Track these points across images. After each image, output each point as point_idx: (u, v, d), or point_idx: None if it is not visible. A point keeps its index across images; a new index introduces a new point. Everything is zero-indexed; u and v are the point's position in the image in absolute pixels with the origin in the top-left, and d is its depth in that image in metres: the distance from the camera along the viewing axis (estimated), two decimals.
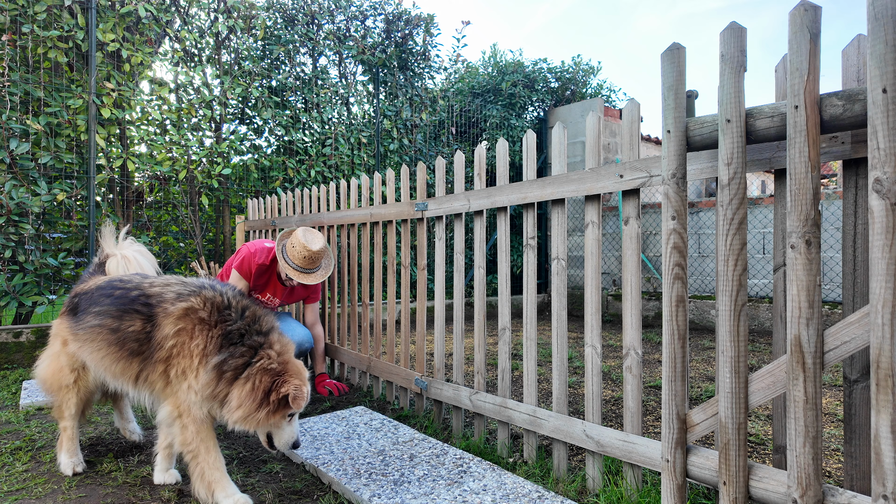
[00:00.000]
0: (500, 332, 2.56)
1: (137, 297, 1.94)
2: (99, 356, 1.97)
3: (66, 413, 2.22)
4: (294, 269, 3.26)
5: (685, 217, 1.61)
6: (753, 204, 6.24)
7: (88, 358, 2.06)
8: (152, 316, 1.89)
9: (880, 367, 1.21)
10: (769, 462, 2.38)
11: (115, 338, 1.91)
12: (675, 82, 1.60)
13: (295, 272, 3.25)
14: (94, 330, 1.97)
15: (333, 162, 6.58)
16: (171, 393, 1.88)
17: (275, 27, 6.44)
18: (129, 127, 5.32)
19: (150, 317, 1.90)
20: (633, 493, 1.93)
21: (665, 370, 1.63)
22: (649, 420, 2.98)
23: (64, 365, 2.19)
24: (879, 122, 1.21)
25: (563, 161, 2.28)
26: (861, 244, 1.43)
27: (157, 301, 1.92)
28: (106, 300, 1.99)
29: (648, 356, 4.73)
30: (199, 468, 1.86)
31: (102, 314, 1.96)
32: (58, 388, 2.21)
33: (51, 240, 4.79)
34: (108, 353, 1.93)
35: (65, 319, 2.18)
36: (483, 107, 8.30)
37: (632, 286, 1.97)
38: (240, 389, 1.78)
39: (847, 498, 1.32)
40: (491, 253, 8.27)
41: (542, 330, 6.31)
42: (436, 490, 1.98)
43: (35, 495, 2.04)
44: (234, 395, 1.79)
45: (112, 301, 1.97)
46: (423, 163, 3.26)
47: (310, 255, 3.24)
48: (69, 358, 2.18)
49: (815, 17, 1.33)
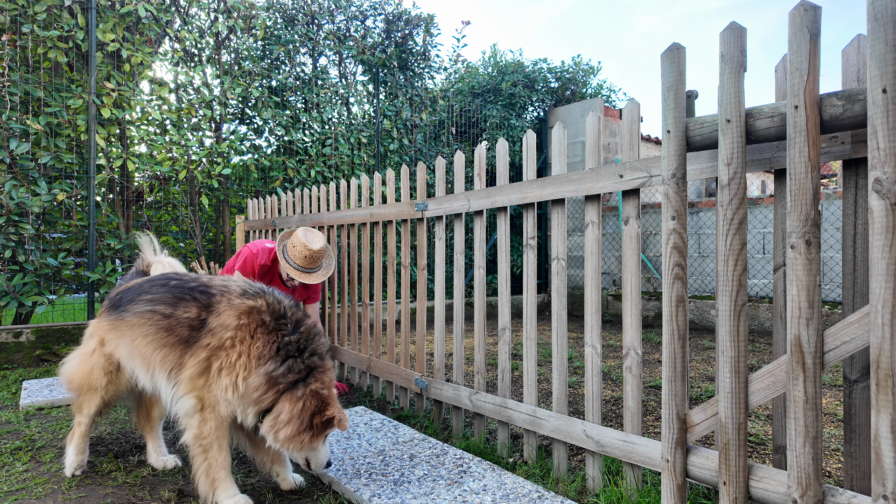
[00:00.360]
0: (500, 332, 2.56)
1: (196, 287, 1.93)
2: (144, 342, 1.91)
3: (86, 411, 2.19)
4: (295, 269, 3.26)
5: (685, 217, 1.61)
6: (753, 204, 6.24)
7: (130, 347, 1.96)
8: (211, 304, 1.88)
9: (880, 367, 1.21)
10: (769, 462, 2.38)
11: (166, 323, 1.88)
12: (675, 82, 1.60)
13: (296, 272, 3.25)
14: (144, 314, 1.93)
15: (333, 162, 6.58)
16: (203, 385, 1.82)
17: (275, 27, 6.44)
18: (129, 127, 5.32)
19: (207, 305, 1.88)
20: (633, 493, 1.93)
21: (665, 370, 1.63)
22: (649, 420, 2.98)
23: (96, 366, 2.13)
24: (879, 122, 1.21)
25: (563, 161, 2.28)
26: (861, 244, 1.43)
27: (220, 291, 1.91)
28: (160, 289, 1.98)
29: (648, 356, 4.73)
30: (206, 464, 1.84)
31: (156, 300, 1.94)
32: (86, 390, 2.16)
33: (51, 240, 4.79)
34: (155, 339, 1.88)
35: (104, 317, 2.13)
36: (483, 107, 8.30)
37: (632, 286, 1.97)
38: (291, 405, 1.79)
39: (847, 498, 1.32)
40: (491, 253, 8.27)
41: (542, 330, 6.31)
42: (436, 490, 1.98)
43: (35, 495, 2.04)
44: (285, 409, 1.79)
45: (168, 289, 1.96)
46: (423, 163, 3.26)
47: (310, 254, 3.24)
48: (104, 360, 2.12)
49: (815, 17, 1.33)
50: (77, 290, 5.00)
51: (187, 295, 1.91)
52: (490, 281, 8.14)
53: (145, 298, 1.97)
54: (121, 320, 2.02)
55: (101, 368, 2.13)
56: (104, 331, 2.11)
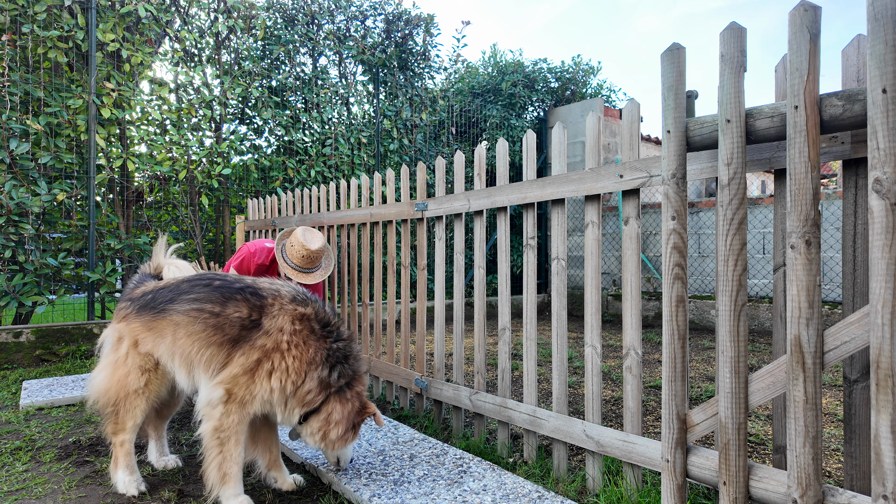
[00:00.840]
0: (500, 332, 2.56)
1: (244, 289, 1.98)
2: (189, 341, 1.92)
3: (129, 423, 2.04)
4: (293, 269, 3.25)
5: (685, 217, 1.61)
6: (753, 204, 6.24)
7: (171, 345, 1.95)
8: (263, 307, 1.93)
9: (880, 367, 1.21)
10: (769, 462, 2.38)
11: (215, 321, 1.91)
12: (675, 82, 1.60)
13: (294, 272, 3.24)
14: (190, 313, 1.93)
15: (333, 162, 6.58)
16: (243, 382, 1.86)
17: (275, 27, 6.44)
18: (129, 127, 5.32)
19: (260, 307, 1.93)
20: (633, 493, 1.93)
21: (665, 370, 1.63)
22: (649, 420, 2.98)
23: (133, 368, 2.03)
24: (879, 122, 1.21)
25: (563, 161, 2.28)
26: (861, 244, 1.43)
27: (272, 295, 1.97)
28: (204, 289, 1.98)
29: (648, 356, 4.73)
30: (220, 456, 1.86)
31: (202, 300, 1.95)
32: (124, 396, 2.03)
33: (51, 240, 4.79)
34: (203, 336, 1.90)
35: (134, 318, 2.04)
36: (483, 107, 8.30)
37: (632, 286, 1.97)
38: (342, 406, 1.99)
39: (847, 498, 1.32)
40: (491, 253, 8.27)
41: (542, 330, 6.31)
42: (436, 490, 1.98)
43: (35, 495, 2.04)
44: (336, 409, 1.98)
45: (213, 289, 1.97)
46: (423, 163, 3.26)
47: (308, 254, 3.23)
48: (141, 359, 2.03)
49: (815, 17, 1.33)
50: (77, 290, 5.00)
51: (237, 295, 1.95)
52: (490, 281, 8.14)
53: (189, 298, 1.98)
54: (161, 319, 1.98)
55: (139, 369, 2.03)
56: (137, 332, 2.04)
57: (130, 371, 2.03)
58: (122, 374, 2.03)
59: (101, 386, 2.05)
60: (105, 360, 2.10)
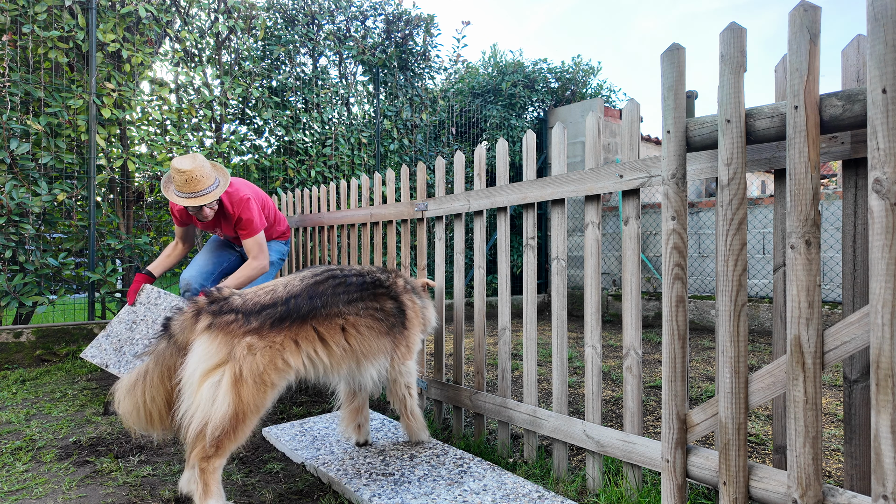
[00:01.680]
0: (500, 332, 2.56)
1: (374, 282, 2.22)
2: (361, 338, 2.10)
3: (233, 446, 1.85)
4: (182, 197, 2.91)
5: (685, 217, 1.61)
6: (753, 204, 6.24)
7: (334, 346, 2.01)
8: (397, 296, 2.27)
9: (880, 368, 1.21)
10: (769, 462, 2.38)
11: (380, 315, 2.18)
12: (675, 83, 1.60)
13: (185, 199, 2.91)
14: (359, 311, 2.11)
15: (334, 162, 6.58)
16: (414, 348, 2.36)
17: (275, 27, 6.44)
18: (129, 127, 5.32)
19: (395, 298, 2.26)
20: (634, 493, 1.93)
21: (665, 370, 1.64)
22: (649, 420, 2.98)
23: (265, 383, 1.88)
24: (879, 122, 1.21)
25: (563, 161, 2.28)
26: (861, 244, 1.43)
27: (390, 283, 2.30)
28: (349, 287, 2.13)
29: (648, 356, 4.73)
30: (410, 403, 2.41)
31: (357, 299, 2.12)
32: (244, 416, 1.84)
33: (51, 240, 4.79)
34: (372, 330, 2.13)
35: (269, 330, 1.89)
36: (483, 107, 8.30)
37: (632, 286, 1.97)
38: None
39: (847, 498, 1.32)
40: (491, 253, 8.27)
41: (542, 330, 6.32)
42: (436, 490, 1.99)
43: (35, 495, 2.04)
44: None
45: (356, 287, 2.14)
46: (423, 163, 3.26)
47: (184, 176, 2.86)
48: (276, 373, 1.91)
49: (815, 17, 1.33)
50: (77, 290, 5.00)
51: (376, 291, 2.21)
52: (490, 281, 8.14)
53: (346, 299, 2.09)
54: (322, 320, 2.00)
55: (270, 384, 1.89)
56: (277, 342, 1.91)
57: (262, 386, 1.87)
58: (253, 391, 1.85)
59: (229, 409, 1.82)
60: (224, 379, 1.84)
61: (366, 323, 2.11)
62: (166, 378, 1.92)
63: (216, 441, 1.80)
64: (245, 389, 1.83)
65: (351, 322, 2.07)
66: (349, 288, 2.11)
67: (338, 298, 2.05)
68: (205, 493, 1.80)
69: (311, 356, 1.98)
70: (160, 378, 1.91)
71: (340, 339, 2.04)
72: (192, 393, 1.81)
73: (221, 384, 1.82)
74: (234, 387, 1.82)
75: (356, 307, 2.09)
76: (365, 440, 2.48)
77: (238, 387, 1.83)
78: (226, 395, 1.81)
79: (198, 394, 1.81)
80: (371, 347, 2.13)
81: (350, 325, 2.07)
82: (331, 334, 2.02)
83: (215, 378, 1.83)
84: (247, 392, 1.84)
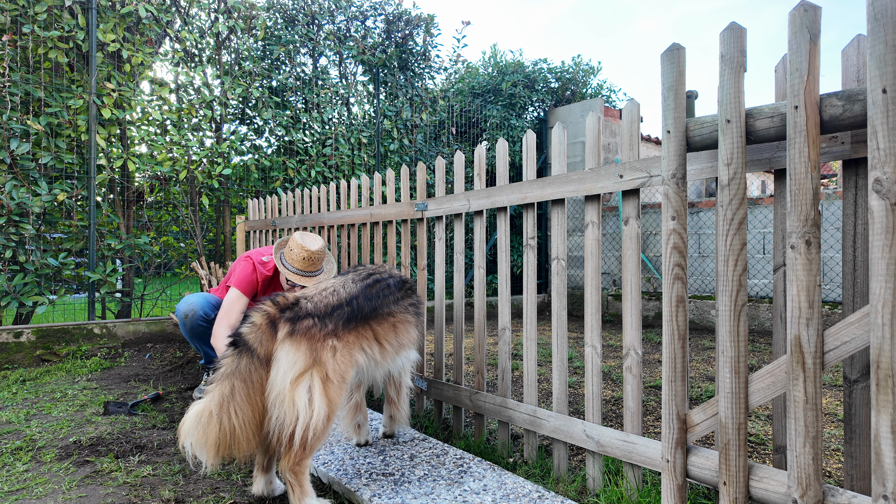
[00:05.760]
0: (500, 332, 2.56)
1: (403, 279, 2.35)
2: (405, 333, 2.24)
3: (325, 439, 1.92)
4: (295, 274, 3.16)
5: (685, 217, 1.61)
6: (753, 204, 6.24)
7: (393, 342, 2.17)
8: (415, 290, 2.44)
9: (880, 367, 1.21)
10: (769, 462, 2.38)
11: (412, 309, 2.32)
12: (675, 82, 1.60)
13: (297, 276, 3.15)
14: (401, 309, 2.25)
15: (334, 162, 6.58)
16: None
17: (275, 27, 6.44)
18: (129, 127, 5.32)
19: (415, 292, 2.43)
20: (634, 493, 1.93)
21: (665, 370, 1.64)
22: (649, 420, 2.98)
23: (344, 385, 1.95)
24: (879, 122, 1.21)
25: (563, 161, 2.28)
26: (861, 244, 1.43)
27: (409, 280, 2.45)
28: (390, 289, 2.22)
29: (648, 356, 4.73)
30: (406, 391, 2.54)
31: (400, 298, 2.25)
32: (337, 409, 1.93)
33: (51, 240, 4.79)
34: (409, 324, 2.28)
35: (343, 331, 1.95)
36: (483, 107, 8.30)
37: (632, 286, 1.97)
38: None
39: (847, 498, 1.32)
40: (491, 253, 8.27)
41: (542, 330, 6.32)
42: (436, 490, 1.99)
43: (35, 495, 2.05)
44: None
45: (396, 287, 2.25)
46: (423, 163, 3.26)
47: (308, 255, 3.20)
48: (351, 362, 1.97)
49: (815, 17, 1.33)
50: (77, 290, 5.00)
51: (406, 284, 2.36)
52: (490, 281, 8.14)
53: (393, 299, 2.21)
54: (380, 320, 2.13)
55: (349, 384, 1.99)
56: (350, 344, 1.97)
57: (343, 385, 1.94)
58: (338, 390, 1.91)
59: (324, 411, 1.87)
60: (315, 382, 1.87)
61: (405, 318, 2.26)
62: (255, 394, 1.86)
63: (311, 443, 1.84)
64: (332, 390, 1.90)
65: (400, 319, 2.22)
66: (392, 289, 2.22)
67: (388, 299, 2.17)
68: (302, 493, 1.86)
69: (368, 353, 2.07)
70: (246, 396, 1.84)
71: (392, 337, 2.17)
72: (284, 400, 1.82)
73: (314, 388, 1.86)
74: (325, 388, 1.88)
75: (400, 305, 2.24)
76: (365, 440, 2.48)
77: (327, 388, 1.89)
78: (321, 398, 1.86)
79: (293, 400, 1.82)
80: (405, 340, 2.27)
81: (400, 321, 2.22)
82: (384, 331, 2.15)
83: (305, 383, 1.85)
84: (334, 392, 1.91)
